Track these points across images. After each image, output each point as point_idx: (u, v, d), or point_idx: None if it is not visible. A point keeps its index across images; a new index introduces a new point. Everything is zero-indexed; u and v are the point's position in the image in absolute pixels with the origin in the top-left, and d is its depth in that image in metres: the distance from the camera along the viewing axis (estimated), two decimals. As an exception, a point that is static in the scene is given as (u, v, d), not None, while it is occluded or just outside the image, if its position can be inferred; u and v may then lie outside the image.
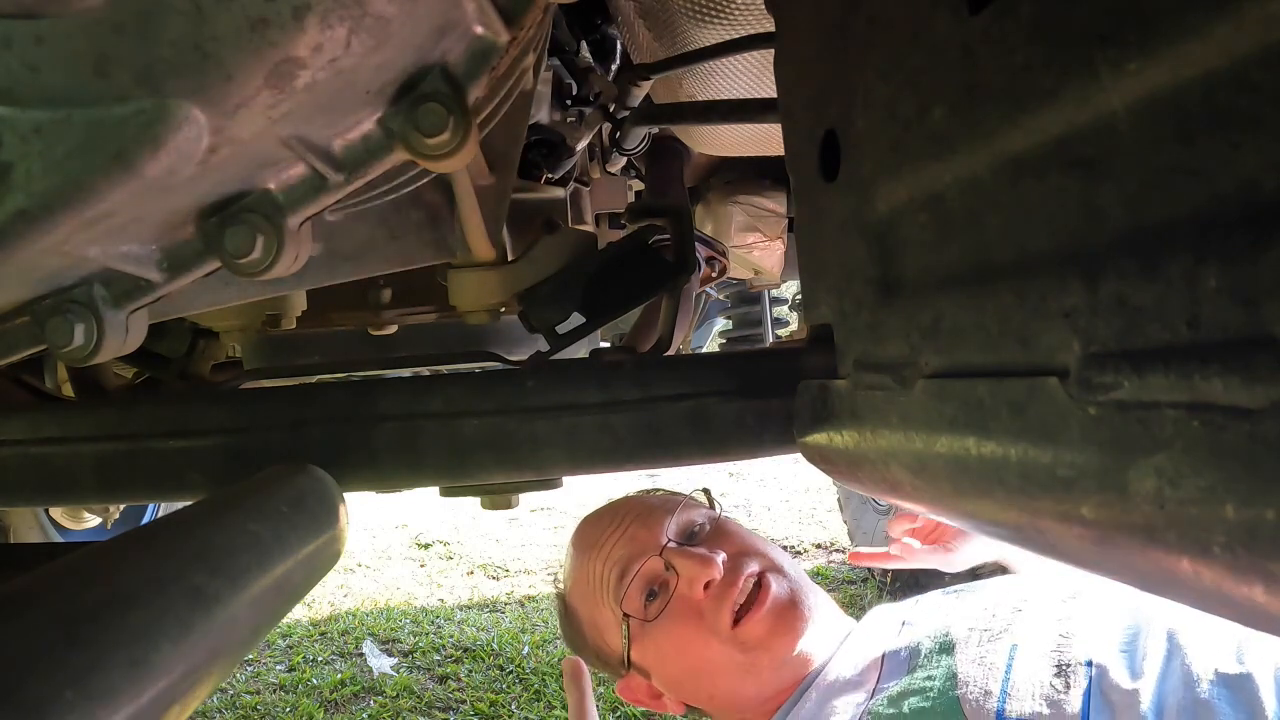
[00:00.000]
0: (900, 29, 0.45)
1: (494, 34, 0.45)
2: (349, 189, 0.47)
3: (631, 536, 1.10)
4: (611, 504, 1.22)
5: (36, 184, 0.35)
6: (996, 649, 0.91)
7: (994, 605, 1.00)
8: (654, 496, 1.22)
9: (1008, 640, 0.92)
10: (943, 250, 0.44)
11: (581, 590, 1.15)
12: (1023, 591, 1.02)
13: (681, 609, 1.03)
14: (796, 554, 4.73)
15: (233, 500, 0.57)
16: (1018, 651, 0.90)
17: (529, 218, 0.93)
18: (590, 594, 1.13)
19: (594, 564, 1.12)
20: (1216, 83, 0.26)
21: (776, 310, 2.99)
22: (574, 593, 1.17)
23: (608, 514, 1.19)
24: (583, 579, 1.15)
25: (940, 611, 1.04)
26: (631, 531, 1.10)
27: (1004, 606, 0.99)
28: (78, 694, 0.36)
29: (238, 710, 3.32)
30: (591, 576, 1.12)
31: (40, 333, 0.47)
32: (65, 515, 2.86)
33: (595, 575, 1.12)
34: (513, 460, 0.73)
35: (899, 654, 0.99)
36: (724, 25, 0.92)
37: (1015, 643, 0.91)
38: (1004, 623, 0.95)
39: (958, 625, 0.98)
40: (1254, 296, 0.25)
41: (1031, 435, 0.36)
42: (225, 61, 0.35)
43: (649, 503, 1.17)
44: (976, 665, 0.89)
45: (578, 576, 1.16)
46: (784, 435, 0.72)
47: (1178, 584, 0.31)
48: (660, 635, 1.04)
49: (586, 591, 1.14)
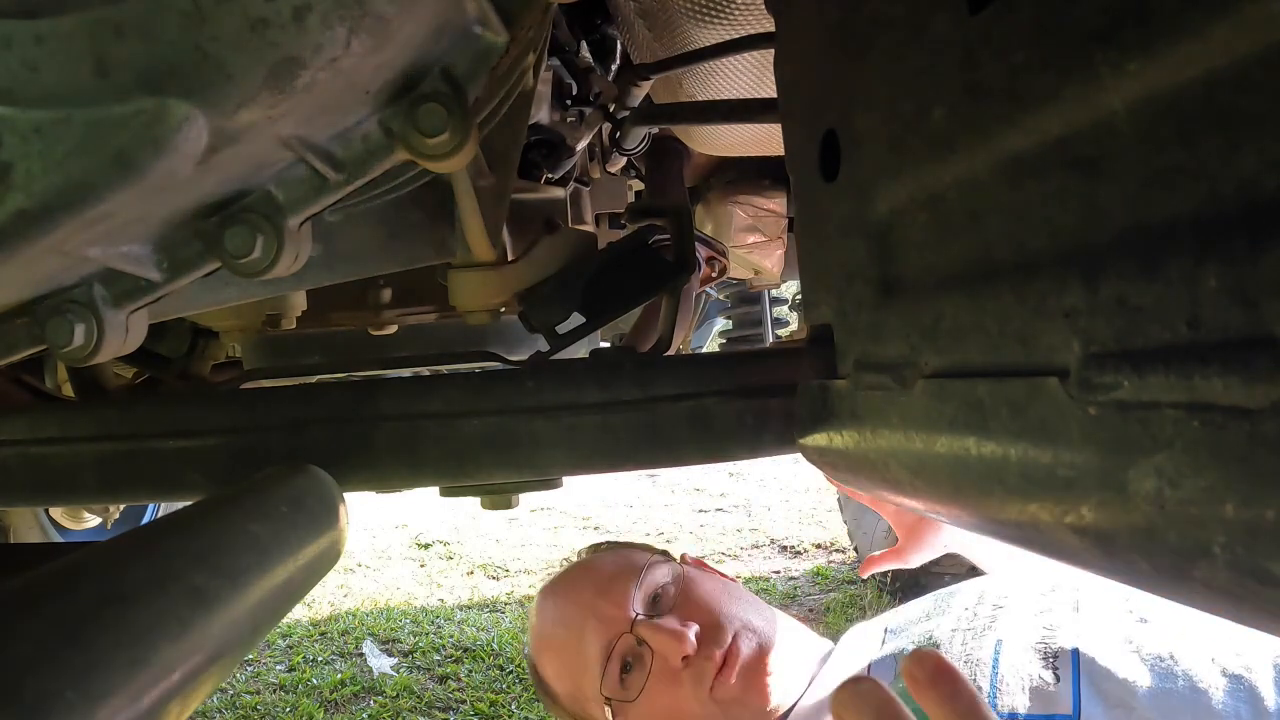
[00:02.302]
0: (900, 29, 0.45)
1: (494, 34, 0.45)
2: (349, 189, 0.47)
3: (599, 615, 1.09)
4: (569, 574, 1.20)
5: (36, 184, 0.35)
6: (982, 645, 0.91)
7: (974, 604, 1.00)
8: (611, 557, 1.20)
9: (992, 637, 0.92)
10: (943, 250, 0.44)
11: (555, 669, 1.14)
12: (1002, 589, 1.02)
13: (660, 678, 1.04)
14: (796, 554, 4.74)
15: (233, 500, 0.57)
16: (1003, 646, 0.90)
17: (529, 218, 0.93)
18: (565, 672, 1.13)
19: (566, 643, 1.12)
20: (1216, 83, 0.26)
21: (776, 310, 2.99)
22: (547, 669, 1.16)
23: (568, 587, 1.17)
24: (554, 658, 1.14)
25: (922, 616, 1.05)
26: (598, 608, 1.09)
27: (985, 604, 0.99)
28: (78, 694, 0.36)
29: (238, 710, 3.32)
30: (565, 655, 1.12)
31: (40, 333, 0.47)
32: (65, 515, 2.86)
33: (569, 653, 1.11)
34: (513, 460, 0.73)
35: (884, 661, 0.99)
36: (724, 25, 0.92)
37: (1000, 638, 0.91)
38: (986, 620, 0.95)
39: (941, 627, 0.98)
40: (1254, 296, 0.25)
41: (1031, 435, 0.36)
42: (225, 61, 0.35)
43: (607, 570, 1.15)
44: (963, 664, 0.89)
45: (548, 655, 1.15)
46: (784, 435, 0.72)
47: (1178, 584, 0.31)
48: (644, 705, 1.05)
49: (561, 669, 1.13)
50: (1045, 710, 0.82)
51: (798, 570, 4.48)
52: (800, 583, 4.28)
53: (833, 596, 4.07)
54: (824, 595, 4.12)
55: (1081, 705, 0.81)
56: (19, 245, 0.37)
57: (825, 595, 4.12)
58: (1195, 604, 0.31)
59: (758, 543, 4.95)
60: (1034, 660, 0.87)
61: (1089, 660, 0.84)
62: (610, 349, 0.83)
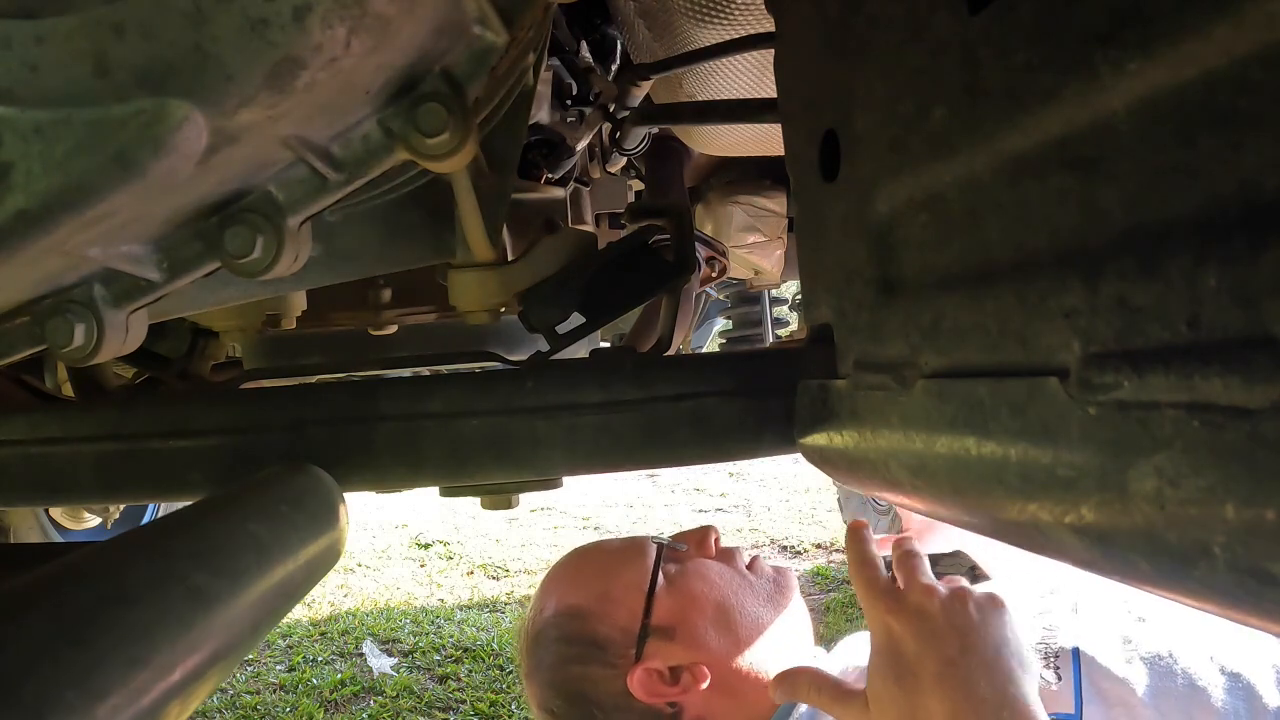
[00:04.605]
0: (900, 29, 0.45)
1: (494, 34, 0.45)
2: (349, 189, 0.47)
3: (625, 559, 1.09)
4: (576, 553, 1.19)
5: (36, 184, 0.35)
6: None
7: None
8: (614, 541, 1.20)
9: None
10: (943, 250, 0.44)
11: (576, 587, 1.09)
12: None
13: (698, 568, 1.06)
14: (796, 554, 4.74)
15: (233, 500, 0.57)
16: None
17: (529, 218, 0.93)
18: (597, 576, 1.09)
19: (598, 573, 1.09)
20: (1216, 83, 0.26)
21: (776, 310, 2.98)
22: (565, 595, 1.10)
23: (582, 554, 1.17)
24: (581, 580, 1.10)
25: None
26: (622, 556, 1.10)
27: None
28: (78, 694, 0.36)
29: (238, 710, 3.32)
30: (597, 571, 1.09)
31: (40, 333, 0.47)
32: (65, 515, 2.86)
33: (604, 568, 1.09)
34: (513, 460, 0.73)
35: None
36: (724, 25, 0.92)
37: None
38: None
39: None
40: (1254, 296, 0.25)
41: (1031, 435, 0.36)
42: (225, 61, 0.35)
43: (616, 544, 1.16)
44: None
45: (571, 584, 1.11)
46: (784, 435, 0.72)
47: (1178, 584, 0.31)
48: (689, 576, 1.05)
49: (590, 575, 1.10)
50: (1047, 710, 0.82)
51: (798, 570, 4.48)
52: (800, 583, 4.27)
53: (833, 596, 4.07)
54: (824, 595, 4.12)
55: (1083, 704, 0.81)
56: (19, 245, 0.37)
57: (825, 595, 4.12)
58: (1195, 604, 0.31)
59: (758, 543, 4.95)
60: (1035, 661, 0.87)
61: (1089, 659, 0.84)
62: (610, 349, 0.83)
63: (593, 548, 1.17)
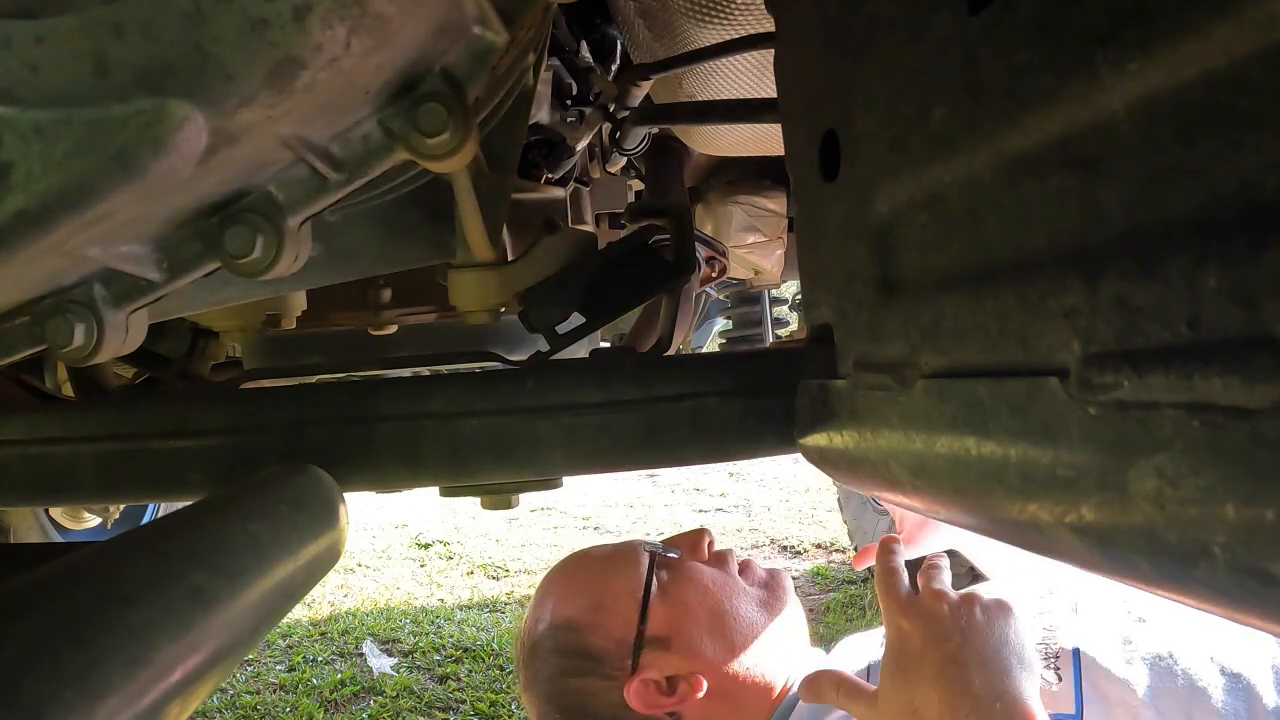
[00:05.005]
0: (900, 29, 0.45)
1: (494, 34, 0.45)
2: (349, 189, 0.47)
3: (618, 564, 1.09)
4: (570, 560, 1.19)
5: (36, 184, 0.35)
6: None
7: None
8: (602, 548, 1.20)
9: None
10: (943, 250, 0.44)
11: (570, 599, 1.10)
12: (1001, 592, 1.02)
13: (692, 573, 1.07)
14: (796, 554, 4.74)
15: (233, 500, 0.57)
16: None
17: (529, 218, 0.93)
18: (590, 586, 1.09)
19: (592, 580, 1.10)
20: (1216, 83, 0.26)
21: (776, 310, 2.98)
22: (559, 607, 1.11)
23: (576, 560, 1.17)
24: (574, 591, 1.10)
25: None
26: (615, 559, 1.10)
27: None
28: (78, 694, 0.36)
29: (238, 710, 3.32)
30: (590, 581, 1.09)
31: (40, 333, 0.47)
32: (65, 515, 2.86)
33: (596, 578, 1.09)
34: (513, 460, 0.73)
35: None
36: (724, 25, 0.92)
37: None
38: None
39: None
40: (1254, 296, 0.25)
41: (1031, 435, 0.36)
42: (225, 61, 0.35)
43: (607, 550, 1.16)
44: None
45: (564, 595, 1.11)
46: (784, 435, 0.72)
47: (1178, 584, 0.31)
48: (683, 584, 1.05)
49: (583, 585, 1.10)
50: (1048, 710, 0.82)
51: (798, 570, 4.48)
52: (800, 583, 4.28)
53: (833, 596, 4.07)
54: (824, 595, 4.12)
55: (1083, 705, 0.81)
56: (19, 245, 0.37)
57: (825, 595, 4.12)
58: (1195, 604, 0.31)
59: (758, 543, 4.95)
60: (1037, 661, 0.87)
61: (1090, 660, 0.84)
62: (610, 349, 0.83)
63: (583, 556, 1.17)
